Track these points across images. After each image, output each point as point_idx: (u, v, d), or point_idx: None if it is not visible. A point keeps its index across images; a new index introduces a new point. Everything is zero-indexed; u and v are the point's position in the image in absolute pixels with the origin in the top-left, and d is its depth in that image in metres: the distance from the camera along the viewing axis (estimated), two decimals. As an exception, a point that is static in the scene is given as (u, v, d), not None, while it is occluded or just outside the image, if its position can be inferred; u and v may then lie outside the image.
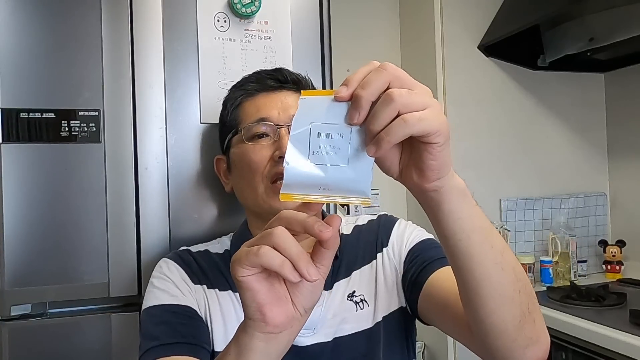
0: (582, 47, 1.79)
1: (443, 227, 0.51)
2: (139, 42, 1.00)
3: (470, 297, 0.54)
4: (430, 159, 0.44)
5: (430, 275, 0.71)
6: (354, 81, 0.43)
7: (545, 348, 0.57)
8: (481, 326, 0.54)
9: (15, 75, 0.93)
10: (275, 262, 0.43)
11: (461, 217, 0.50)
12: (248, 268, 0.44)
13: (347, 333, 0.73)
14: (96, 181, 0.96)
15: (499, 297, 0.52)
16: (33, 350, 0.93)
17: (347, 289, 0.76)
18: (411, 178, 0.48)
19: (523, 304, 0.54)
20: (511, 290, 0.53)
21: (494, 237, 0.53)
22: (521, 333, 0.54)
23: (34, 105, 0.94)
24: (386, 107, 0.41)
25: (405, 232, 0.81)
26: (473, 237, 0.50)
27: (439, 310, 0.69)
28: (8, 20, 0.93)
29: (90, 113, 0.96)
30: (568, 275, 1.89)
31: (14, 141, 0.93)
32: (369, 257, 0.79)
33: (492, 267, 0.52)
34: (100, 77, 0.97)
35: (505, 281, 0.52)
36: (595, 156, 2.19)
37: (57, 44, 0.96)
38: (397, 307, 0.77)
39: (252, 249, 0.44)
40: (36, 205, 0.93)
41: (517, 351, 0.55)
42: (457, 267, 0.53)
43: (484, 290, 0.52)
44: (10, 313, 0.93)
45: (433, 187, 0.47)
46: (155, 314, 0.72)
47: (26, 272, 0.92)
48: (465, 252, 0.51)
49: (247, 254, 0.44)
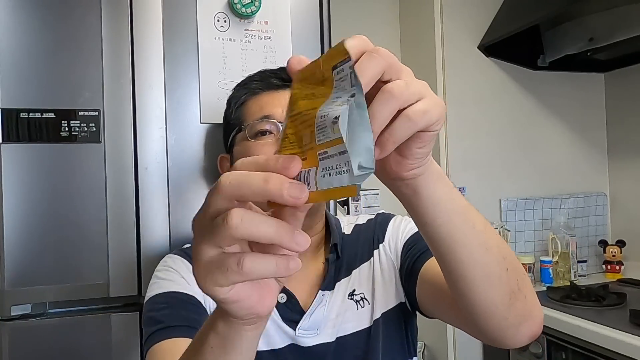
0: (582, 47, 1.79)
1: (421, 214, 0.47)
2: (139, 42, 1.00)
3: (457, 282, 0.52)
4: (418, 146, 0.40)
5: (424, 262, 0.71)
6: None
7: (539, 322, 0.56)
8: (471, 309, 0.53)
9: (15, 75, 0.93)
10: (269, 270, 0.34)
11: (441, 201, 0.46)
12: (229, 286, 0.35)
13: (348, 332, 0.74)
14: (96, 181, 0.96)
15: (486, 278, 0.51)
16: (33, 350, 0.93)
17: (347, 288, 0.76)
18: (389, 164, 0.43)
19: (512, 282, 0.52)
20: (498, 269, 0.51)
21: (474, 216, 0.50)
22: (512, 311, 0.53)
23: (34, 105, 0.94)
24: (386, 105, 0.36)
25: (400, 226, 0.81)
26: (454, 219, 0.48)
27: (435, 296, 0.69)
28: (8, 20, 0.93)
29: (90, 113, 0.96)
30: (568, 275, 1.89)
31: (14, 141, 0.93)
32: (367, 254, 0.80)
33: (476, 249, 0.49)
34: (100, 77, 0.97)
35: (491, 261, 0.50)
36: (595, 156, 2.19)
37: (57, 44, 0.96)
38: (396, 304, 0.77)
39: (229, 264, 0.33)
40: (36, 205, 0.93)
41: (510, 329, 0.54)
42: (440, 253, 0.51)
43: (470, 273, 0.50)
44: (10, 313, 0.93)
45: (412, 175, 0.43)
46: (159, 300, 0.71)
47: (26, 272, 0.92)
48: (447, 236, 0.48)
49: (225, 272, 0.34)
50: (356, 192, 0.32)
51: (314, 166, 0.34)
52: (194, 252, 0.36)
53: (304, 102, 0.37)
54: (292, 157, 0.34)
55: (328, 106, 0.34)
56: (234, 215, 0.32)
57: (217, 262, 0.34)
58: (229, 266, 0.34)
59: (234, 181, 0.33)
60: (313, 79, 0.37)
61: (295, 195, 0.32)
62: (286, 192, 0.32)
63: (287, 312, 0.72)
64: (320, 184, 0.33)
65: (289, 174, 0.33)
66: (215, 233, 0.33)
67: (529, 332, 0.55)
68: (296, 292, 0.73)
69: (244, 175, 0.33)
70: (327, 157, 0.33)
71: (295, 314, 0.72)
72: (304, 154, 0.35)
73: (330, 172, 0.33)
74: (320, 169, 0.33)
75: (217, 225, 0.33)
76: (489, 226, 0.52)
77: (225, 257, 0.34)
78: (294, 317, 0.72)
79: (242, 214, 0.32)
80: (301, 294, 0.74)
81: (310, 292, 0.75)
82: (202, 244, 0.35)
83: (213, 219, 0.34)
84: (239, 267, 0.33)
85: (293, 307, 0.73)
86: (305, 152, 0.35)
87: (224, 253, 0.34)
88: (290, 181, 0.33)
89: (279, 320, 0.72)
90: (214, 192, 0.34)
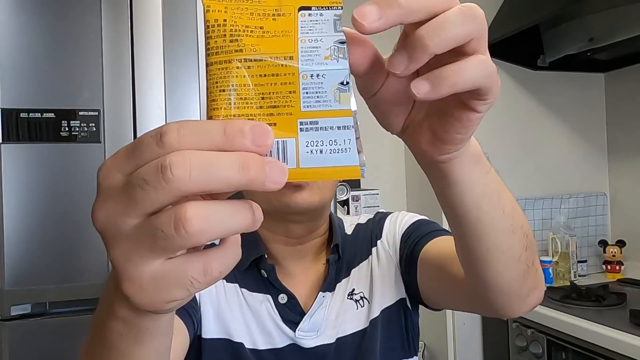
0: (582, 47, 1.79)
1: (448, 197, 0.42)
2: (139, 42, 1.00)
3: (476, 265, 0.49)
4: (457, 131, 0.34)
5: (423, 247, 0.71)
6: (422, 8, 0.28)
7: (543, 288, 0.56)
8: (484, 289, 0.52)
9: (15, 75, 0.93)
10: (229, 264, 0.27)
11: (472, 187, 0.41)
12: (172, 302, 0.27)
13: (348, 332, 0.73)
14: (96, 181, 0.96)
15: (507, 260, 0.48)
16: (33, 350, 0.93)
17: (347, 288, 0.76)
18: (418, 142, 0.37)
19: (529, 259, 0.50)
20: (519, 250, 0.48)
21: (505, 199, 0.46)
22: (525, 286, 0.52)
23: (34, 105, 0.94)
24: (467, 22, 0.28)
25: (397, 220, 0.81)
26: (484, 206, 0.43)
27: (437, 279, 0.68)
28: (8, 20, 0.93)
29: (90, 113, 0.96)
30: (568, 275, 1.89)
31: (14, 141, 0.93)
32: (366, 253, 0.79)
33: (502, 233, 0.46)
34: (100, 77, 0.98)
35: (514, 243, 0.48)
36: (595, 156, 2.19)
37: (57, 44, 0.96)
38: (395, 300, 0.76)
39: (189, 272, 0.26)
40: (36, 205, 0.93)
41: (520, 302, 0.54)
42: (464, 236, 0.47)
43: (493, 256, 0.47)
44: (10, 313, 0.93)
45: (444, 159, 0.37)
46: None
47: (26, 272, 0.92)
48: (474, 222, 0.44)
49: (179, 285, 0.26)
50: (360, 174, 0.27)
51: (289, 136, 0.27)
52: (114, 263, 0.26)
53: (254, 41, 0.28)
54: (263, 127, 0.25)
55: (312, 60, 0.27)
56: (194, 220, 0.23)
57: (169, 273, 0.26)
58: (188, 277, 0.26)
59: (196, 169, 0.24)
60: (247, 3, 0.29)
61: (277, 180, 0.25)
62: (268, 178, 0.25)
63: (287, 313, 0.72)
64: (305, 161, 0.27)
65: (261, 152, 0.25)
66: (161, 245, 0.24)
67: (534, 302, 0.55)
68: (297, 293, 0.73)
69: (208, 160, 0.24)
70: (315, 128, 0.27)
71: (296, 315, 0.72)
72: (268, 118, 0.27)
73: (321, 148, 0.27)
74: (303, 141, 0.27)
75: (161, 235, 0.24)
76: (516, 205, 0.48)
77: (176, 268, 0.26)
78: (294, 318, 0.72)
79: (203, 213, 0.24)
80: (302, 295, 0.74)
81: (311, 293, 0.74)
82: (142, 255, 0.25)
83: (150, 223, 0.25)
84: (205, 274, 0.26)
85: (293, 308, 0.72)
86: (272, 117, 0.27)
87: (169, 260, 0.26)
88: (268, 162, 0.25)
89: (279, 320, 0.71)
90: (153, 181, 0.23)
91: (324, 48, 0.28)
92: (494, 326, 1.78)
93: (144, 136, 0.25)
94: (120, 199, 0.25)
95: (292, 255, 0.75)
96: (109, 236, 0.26)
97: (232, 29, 0.28)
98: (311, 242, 0.76)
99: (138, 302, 0.26)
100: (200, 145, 0.24)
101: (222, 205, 0.25)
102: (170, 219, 0.24)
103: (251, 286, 0.73)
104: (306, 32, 0.28)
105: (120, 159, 0.26)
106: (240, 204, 0.26)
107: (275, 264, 0.74)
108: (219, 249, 0.26)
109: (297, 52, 0.27)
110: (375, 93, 0.35)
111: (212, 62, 0.27)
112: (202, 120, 0.25)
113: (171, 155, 0.24)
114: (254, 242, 0.75)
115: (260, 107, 0.27)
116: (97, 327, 0.34)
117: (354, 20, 0.27)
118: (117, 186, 0.25)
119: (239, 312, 0.72)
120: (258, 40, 0.28)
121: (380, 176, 2.03)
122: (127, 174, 0.25)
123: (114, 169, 0.26)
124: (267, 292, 0.73)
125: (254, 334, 0.70)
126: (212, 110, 0.27)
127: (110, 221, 0.25)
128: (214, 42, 0.28)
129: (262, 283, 0.73)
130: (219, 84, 0.27)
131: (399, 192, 2.04)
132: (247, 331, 0.70)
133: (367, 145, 0.61)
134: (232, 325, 0.70)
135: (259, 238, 0.76)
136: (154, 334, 0.33)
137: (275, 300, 0.72)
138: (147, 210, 0.25)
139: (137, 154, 0.25)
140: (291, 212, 0.69)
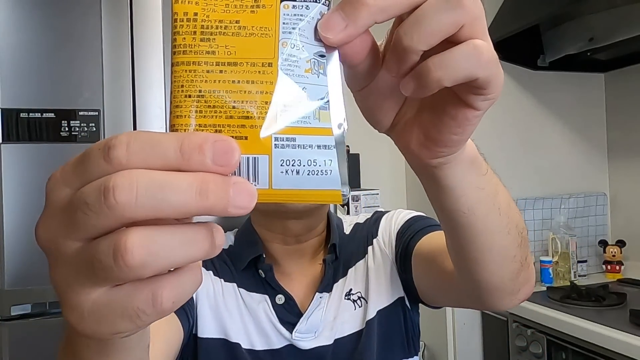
0: (582, 47, 1.79)
1: (439, 202, 0.40)
2: (139, 42, 1.00)
3: (469, 265, 0.48)
4: (452, 131, 0.30)
5: (417, 242, 0.70)
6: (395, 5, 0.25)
7: (534, 281, 0.56)
8: (477, 286, 0.51)
9: (15, 75, 0.93)
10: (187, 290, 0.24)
11: (466, 194, 0.39)
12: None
13: (346, 333, 0.73)
14: (96, 181, 0.96)
15: (501, 260, 0.47)
16: (33, 350, 0.93)
17: (344, 288, 0.75)
18: (408, 142, 0.34)
19: (522, 257, 0.49)
20: (513, 250, 0.47)
21: (500, 199, 0.43)
22: (517, 282, 0.52)
23: (34, 105, 0.94)
24: (447, 14, 0.24)
25: (393, 217, 0.80)
26: (477, 211, 0.41)
27: (432, 274, 0.67)
28: (8, 20, 0.94)
29: (90, 113, 0.96)
30: (568, 275, 1.89)
31: (14, 141, 0.93)
32: (362, 252, 0.78)
33: (497, 235, 0.44)
34: (100, 77, 0.98)
35: (509, 243, 0.46)
36: (595, 156, 2.19)
37: (57, 44, 0.96)
38: (394, 299, 0.75)
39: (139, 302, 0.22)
40: (36, 205, 0.93)
41: (511, 296, 0.53)
42: (456, 238, 0.45)
43: (486, 257, 0.46)
44: (10, 313, 0.93)
45: (436, 163, 0.34)
46: None
47: (26, 272, 0.92)
48: (467, 225, 0.42)
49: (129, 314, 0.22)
50: (342, 199, 0.25)
51: (261, 153, 0.24)
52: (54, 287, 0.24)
53: (228, 40, 0.24)
54: (228, 143, 0.22)
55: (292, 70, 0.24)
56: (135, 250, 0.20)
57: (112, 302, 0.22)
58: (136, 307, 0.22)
59: (143, 193, 0.20)
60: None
61: (243, 206, 0.22)
62: (232, 203, 0.21)
63: (284, 313, 0.72)
64: (279, 181, 0.24)
65: (223, 172, 0.22)
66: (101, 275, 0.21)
67: (524, 296, 0.55)
68: (294, 293, 0.73)
69: (158, 183, 0.21)
70: (292, 145, 0.24)
71: (293, 316, 0.72)
72: (239, 130, 0.24)
73: (298, 168, 0.24)
74: (277, 159, 0.24)
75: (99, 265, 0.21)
76: (511, 201, 0.46)
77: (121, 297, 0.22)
78: (292, 319, 0.71)
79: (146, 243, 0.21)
80: (299, 296, 0.73)
81: (308, 294, 0.74)
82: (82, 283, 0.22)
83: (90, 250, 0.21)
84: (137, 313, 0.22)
85: (291, 310, 0.72)
86: (243, 129, 0.24)
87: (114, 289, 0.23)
88: (234, 184, 0.21)
89: (276, 321, 0.71)
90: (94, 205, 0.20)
91: (304, 59, 0.25)
92: (494, 326, 1.78)
93: (92, 147, 0.22)
94: (63, 219, 0.22)
95: (290, 254, 0.75)
96: (50, 257, 0.23)
97: (204, 25, 0.24)
98: (309, 241, 0.76)
99: (81, 331, 0.23)
100: (151, 163, 0.21)
101: (173, 231, 0.21)
102: (109, 248, 0.20)
103: (249, 286, 0.73)
104: (288, 31, 0.25)
105: (68, 172, 0.22)
106: (195, 228, 0.22)
107: (273, 263, 0.74)
108: (173, 276, 0.23)
109: (276, 58, 0.24)
110: (366, 85, 0.32)
111: (178, 62, 0.24)
112: (158, 133, 0.22)
113: (116, 175, 0.20)
114: (252, 242, 0.75)
115: (230, 117, 0.24)
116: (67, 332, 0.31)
117: (320, 34, 0.25)
118: (62, 203, 0.22)
119: (237, 312, 0.72)
120: (233, 40, 0.24)
121: (380, 176, 2.03)
122: (75, 189, 0.22)
123: (62, 182, 0.22)
124: (265, 292, 0.72)
125: (251, 334, 0.70)
126: (174, 117, 0.24)
127: (52, 241, 0.23)
128: (182, 39, 0.24)
129: (259, 283, 0.73)
130: (184, 87, 0.24)
131: (399, 192, 2.04)
132: (244, 331, 0.70)
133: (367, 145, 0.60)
134: (230, 325, 0.70)
135: (258, 238, 0.75)
136: (119, 348, 0.29)
137: (273, 301, 0.72)
138: (88, 235, 0.21)
139: (84, 167, 0.22)
140: (287, 211, 0.69)
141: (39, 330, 0.94)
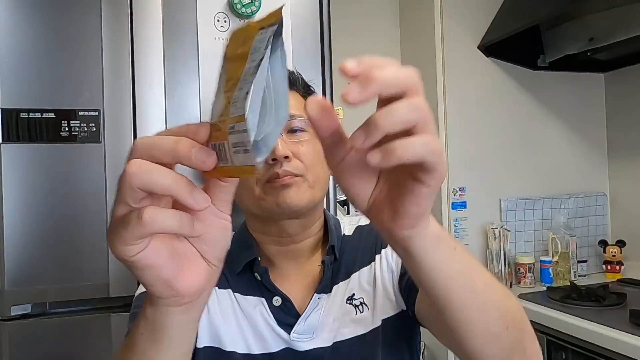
0: (582, 47, 1.79)
1: (417, 276, 0.45)
2: (139, 42, 1.00)
3: (453, 336, 0.50)
4: (412, 203, 0.38)
5: None
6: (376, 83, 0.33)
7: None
8: (469, 358, 0.52)
9: (15, 75, 0.93)
10: (171, 224, 0.35)
11: (436, 268, 0.44)
12: (136, 243, 0.35)
13: (346, 337, 0.72)
14: (96, 181, 0.96)
15: (483, 336, 0.49)
16: (33, 350, 0.93)
17: (346, 292, 0.75)
18: (381, 218, 0.41)
19: (511, 337, 0.51)
20: (497, 328, 0.49)
21: (475, 278, 0.48)
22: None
23: (34, 105, 0.94)
24: (412, 111, 0.34)
25: None
26: (450, 285, 0.45)
27: (435, 321, 0.66)
28: (8, 20, 0.93)
29: (90, 113, 0.96)
30: (568, 275, 1.89)
31: (14, 141, 0.93)
32: (369, 259, 0.77)
33: (474, 311, 0.48)
34: (100, 77, 0.98)
35: (490, 320, 0.49)
36: (595, 156, 2.19)
37: (57, 44, 0.96)
38: (397, 311, 0.74)
39: (131, 217, 0.35)
40: (36, 205, 0.93)
41: None
42: (436, 309, 0.49)
43: (467, 332, 0.49)
44: (10, 313, 0.93)
45: (403, 235, 0.40)
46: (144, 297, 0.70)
47: (26, 272, 0.92)
48: (443, 298, 0.46)
49: (127, 226, 0.35)
50: (254, 174, 0.33)
51: (225, 140, 0.33)
52: None
53: (235, 66, 0.35)
54: (202, 124, 0.36)
55: (246, 75, 0.33)
56: (131, 164, 0.35)
57: (122, 218, 0.35)
58: (130, 219, 0.35)
59: (147, 142, 0.36)
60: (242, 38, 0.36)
61: (201, 159, 0.34)
62: (194, 154, 0.34)
63: (281, 315, 0.71)
64: (234, 159, 0.33)
65: (199, 139, 0.35)
66: (119, 188, 0.35)
67: None
68: (291, 295, 0.72)
69: (157, 138, 0.36)
70: (234, 132, 0.32)
71: (291, 317, 0.71)
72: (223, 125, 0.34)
73: (239, 148, 0.32)
74: (231, 144, 0.33)
75: (120, 182, 0.35)
76: (493, 285, 0.50)
77: (129, 213, 0.35)
78: (289, 320, 0.71)
79: (140, 163, 0.35)
80: (296, 297, 0.73)
81: (306, 295, 0.73)
82: (114, 204, 0.36)
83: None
84: (138, 218, 0.34)
85: (288, 311, 0.72)
86: (223, 124, 0.34)
87: (131, 211, 0.35)
88: (199, 146, 0.35)
89: (274, 323, 0.71)
90: (128, 159, 0.36)
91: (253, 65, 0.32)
92: (494, 326, 1.78)
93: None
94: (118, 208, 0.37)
95: (286, 255, 0.75)
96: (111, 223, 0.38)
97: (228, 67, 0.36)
98: (305, 241, 0.75)
99: (109, 246, 0.36)
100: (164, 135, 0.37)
101: (167, 212, 0.35)
102: (135, 214, 0.35)
103: (244, 290, 0.73)
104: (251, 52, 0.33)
105: None
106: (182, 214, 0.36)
107: (269, 265, 0.74)
108: (158, 208, 0.35)
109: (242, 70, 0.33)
110: (340, 162, 0.39)
111: None
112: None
113: None
114: (247, 246, 0.74)
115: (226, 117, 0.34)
116: (132, 331, 0.44)
117: (343, 97, 0.33)
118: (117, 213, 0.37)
119: (233, 318, 0.72)
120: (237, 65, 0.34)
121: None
122: None
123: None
124: (261, 295, 0.72)
125: (248, 339, 0.70)
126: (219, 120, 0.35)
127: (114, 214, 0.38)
128: None
129: (255, 286, 0.73)
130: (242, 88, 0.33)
131: (399, 192, 2.04)
132: (241, 337, 0.70)
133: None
134: (224, 333, 0.70)
135: (253, 241, 0.75)
136: (168, 333, 0.41)
137: (270, 303, 0.71)
138: None
139: None
140: (280, 212, 0.69)
141: (39, 330, 0.94)
